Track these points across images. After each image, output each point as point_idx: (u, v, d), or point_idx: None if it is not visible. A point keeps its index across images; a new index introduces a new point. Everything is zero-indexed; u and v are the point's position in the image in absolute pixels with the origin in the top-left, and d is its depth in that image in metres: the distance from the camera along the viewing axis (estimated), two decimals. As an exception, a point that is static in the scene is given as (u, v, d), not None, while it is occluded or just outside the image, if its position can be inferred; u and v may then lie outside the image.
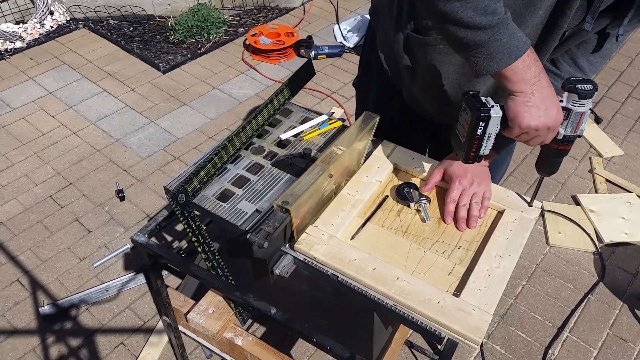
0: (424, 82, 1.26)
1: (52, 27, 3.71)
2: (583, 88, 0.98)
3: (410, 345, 1.96)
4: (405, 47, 1.23)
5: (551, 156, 1.09)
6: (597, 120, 3.04)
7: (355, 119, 1.60)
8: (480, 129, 1.01)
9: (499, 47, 0.93)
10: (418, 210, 1.18)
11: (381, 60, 1.36)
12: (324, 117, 1.41)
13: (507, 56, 0.93)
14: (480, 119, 0.99)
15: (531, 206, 1.20)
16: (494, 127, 1.01)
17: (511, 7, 0.96)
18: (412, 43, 1.20)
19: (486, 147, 1.04)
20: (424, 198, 1.18)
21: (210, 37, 3.67)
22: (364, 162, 1.28)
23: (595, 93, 1.00)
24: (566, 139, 1.04)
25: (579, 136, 1.05)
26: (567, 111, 1.00)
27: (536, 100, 0.97)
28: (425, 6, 0.96)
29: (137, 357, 1.93)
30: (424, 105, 1.34)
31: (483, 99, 1.01)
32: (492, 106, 1.00)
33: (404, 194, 1.19)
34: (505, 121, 1.01)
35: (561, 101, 1.00)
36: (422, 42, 1.17)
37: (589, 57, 1.15)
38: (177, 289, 2.08)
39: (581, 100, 0.98)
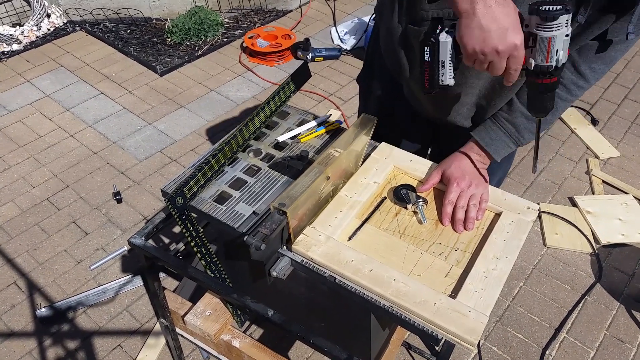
0: (420, 76, 1.27)
1: (49, 29, 3.71)
2: (546, 9, 0.85)
3: (408, 346, 1.96)
4: (403, 40, 1.24)
5: (536, 92, 0.98)
6: (594, 121, 3.05)
7: (358, 115, 1.62)
8: (427, 54, 0.94)
9: None
10: (415, 212, 1.19)
11: (383, 57, 1.37)
12: (321, 119, 1.42)
13: None
14: (425, 43, 0.92)
15: (534, 172, 1.16)
16: (445, 54, 0.93)
17: None
18: (409, 35, 1.21)
19: (443, 75, 0.97)
20: (421, 200, 1.18)
21: (208, 40, 3.67)
22: (362, 163, 1.29)
23: (567, 16, 0.85)
24: (542, 70, 0.92)
25: (558, 67, 0.92)
26: (533, 37, 0.89)
27: (480, 21, 0.88)
28: None
29: (134, 360, 1.93)
30: (421, 100, 1.35)
31: (444, 28, 0.94)
32: (440, 32, 0.91)
33: (401, 195, 1.19)
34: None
35: (526, 26, 0.89)
36: (417, 33, 1.18)
37: (590, 64, 1.13)
38: (174, 291, 2.08)
39: (547, 24, 0.86)
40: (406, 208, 1.20)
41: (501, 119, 1.23)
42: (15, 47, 3.53)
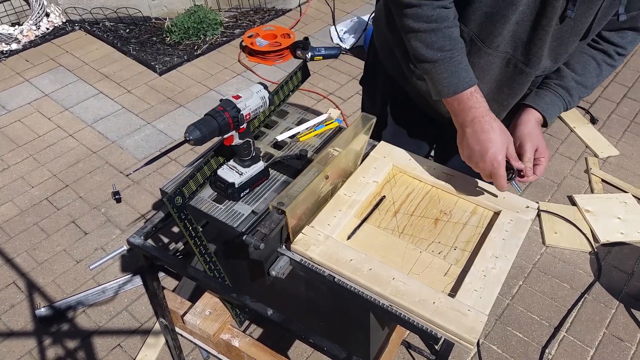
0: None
1: (48, 29, 3.71)
2: None
3: (407, 345, 1.97)
4: (404, 50, 1.24)
5: None
6: (593, 120, 3.05)
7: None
8: None
9: (439, 80, 1.09)
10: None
11: (384, 65, 1.40)
12: (320, 119, 1.42)
13: (446, 89, 1.08)
14: None
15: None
16: None
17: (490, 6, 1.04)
18: None
19: None
20: (512, 172, 1.14)
21: (207, 39, 3.67)
22: (361, 163, 1.29)
23: None
24: None
25: None
26: None
27: (468, 140, 1.10)
28: (398, 25, 1.11)
29: (134, 359, 1.93)
30: (432, 102, 1.35)
31: None
32: None
33: None
34: None
35: None
36: None
37: (619, 33, 1.18)
38: (173, 290, 2.08)
39: None
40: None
41: (553, 85, 1.24)
42: (14, 46, 3.53)
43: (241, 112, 1.10)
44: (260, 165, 1.19)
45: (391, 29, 1.29)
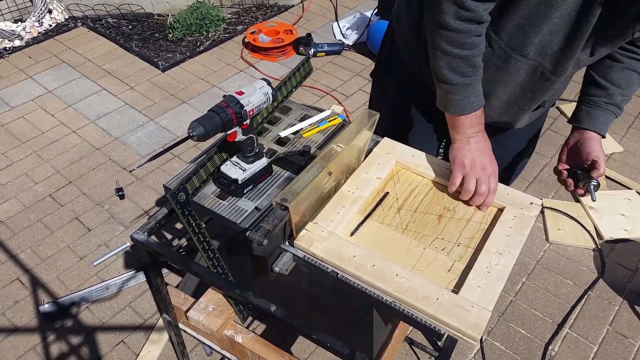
0: None
1: (50, 25, 3.71)
2: None
3: (411, 341, 1.97)
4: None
5: None
6: (597, 116, 3.04)
7: (370, 108, 1.62)
8: None
9: (452, 100, 1.14)
10: (586, 191, 1.27)
11: (402, 58, 1.39)
12: (324, 115, 1.41)
13: (453, 110, 1.15)
14: None
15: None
16: None
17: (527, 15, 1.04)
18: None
19: None
20: (594, 181, 1.26)
21: (209, 35, 3.67)
22: (364, 159, 1.28)
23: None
24: None
25: None
26: None
27: (471, 148, 1.17)
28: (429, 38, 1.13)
29: (137, 355, 1.93)
30: None
31: None
32: None
33: (577, 174, 1.29)
34: None
35: None
36: None
37: None
38: (177, 286, 2.09)
39: None
40: (577, 186, 1.28)
41: (603, 104, 1.29)
42: (17, 43, 3.53)
43: (244, 108, 1.10)
44: (263, 162, 1.19)
45: (417, 32, 1.29)
